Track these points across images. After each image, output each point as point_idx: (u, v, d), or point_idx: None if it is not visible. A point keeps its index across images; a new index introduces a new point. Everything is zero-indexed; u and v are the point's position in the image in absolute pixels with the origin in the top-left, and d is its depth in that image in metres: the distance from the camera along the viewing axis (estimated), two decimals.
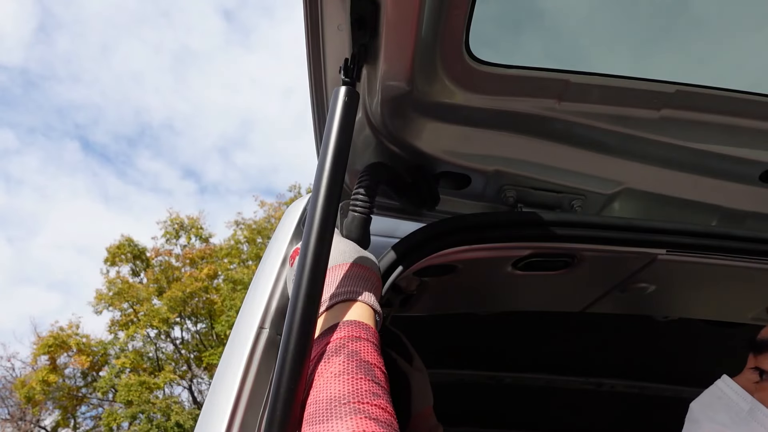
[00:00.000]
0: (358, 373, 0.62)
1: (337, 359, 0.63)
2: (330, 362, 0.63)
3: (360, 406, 0.57)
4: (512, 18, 0.89)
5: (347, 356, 0.63)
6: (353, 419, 0.55)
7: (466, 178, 1.08)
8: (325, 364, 0.63)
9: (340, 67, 0.80)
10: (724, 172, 1.07)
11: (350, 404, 0.57)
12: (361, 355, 0.64)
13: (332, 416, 0.56)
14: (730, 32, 0.93)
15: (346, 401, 0.58)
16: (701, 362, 1.93)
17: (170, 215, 19.03)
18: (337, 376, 0.61)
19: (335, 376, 0.61)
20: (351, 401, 0.58)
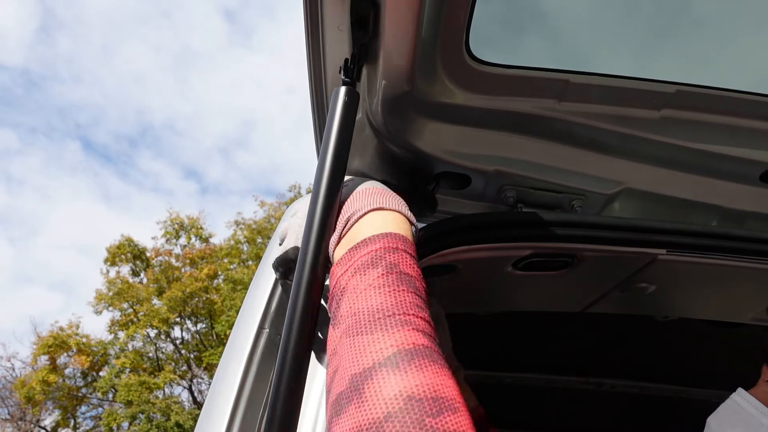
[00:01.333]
0: (400, 285, 0.58)
1: (375, 271, 0.59)
2: (367, 274, 0.59)
3: (406, 317, 0.54)
4: (512, 18, 0.89)
5: (386, 268, 0.60)
6: (401, 331, 0.53)
7: (466, 178, 1.08)
8: (361, 276, 0.60)
9: (340, 67, 0.80)
10: (724, 172, 1.07)
11: (395, 316, 0.54)
12: (400, 267, 0.61)
13: (377, 328, 0.53)
14: (731, 32, 0.93)
15: (390, 313, 0.55)
16: (701, 362, 1.93)
17: (170, 215, 19.04)
18: (378, 288, 0.57)
19: (375, 288, 0.57)
20: (396, 313, 0.55)
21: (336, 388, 0.52)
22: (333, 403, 0.51)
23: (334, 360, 0.55)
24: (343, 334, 0.56)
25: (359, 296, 0.58)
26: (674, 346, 1.88)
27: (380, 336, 0.53)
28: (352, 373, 0.51)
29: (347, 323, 0.56)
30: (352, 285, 0.60)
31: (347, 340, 0.54)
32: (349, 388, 0.50)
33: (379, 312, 0.55)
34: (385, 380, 0.48)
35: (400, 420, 0.45)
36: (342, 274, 0.63)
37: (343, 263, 0.63)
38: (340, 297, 0.60)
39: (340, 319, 0.58)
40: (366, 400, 0.47)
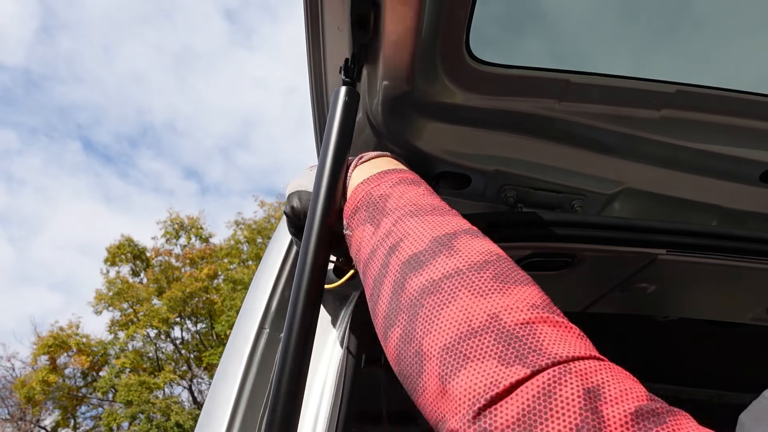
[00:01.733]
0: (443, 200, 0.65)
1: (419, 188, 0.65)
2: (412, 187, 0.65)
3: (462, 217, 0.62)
4: (513, 18, 0.89)
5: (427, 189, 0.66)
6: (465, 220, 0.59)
7: (466, 178, 1.08)
8: (405, 186, 0.65)
9: (340, 67, 0.80)
10: (724, 172, 1.07)
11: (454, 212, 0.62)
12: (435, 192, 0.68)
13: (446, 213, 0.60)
14: (731, 32, 0.93)
15: (450, 209, 0.62)
16: (701, 362, 1.93)
17: (170, 215, 19.04)
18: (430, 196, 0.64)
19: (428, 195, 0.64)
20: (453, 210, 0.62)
21: (405, 251, 0.54)
22: (405, 264, 0.53)
23: (389, 238, 0.57)
24: (403, 216, 0.59)
25: (412, 197, 0.62)
26: (674, 346, 1.87)
27: (451, 217, 0.58)
28: (434, 235, 0.54)
29: (406, 210, 0.60)
30: (398, 191, 0.64)
31: (413, 219, 0.58)
32: (432, 246, 0.53)
33: (440, 207, 0.61)
34: (473, 240, 0.53)
35: (499, 265, 0.49)
36: (374, 186, 0.66)
37: (374, 180, 0.67)
38: (381, 200, 0.63)
39: (390, 211, 0.61)
40: (459, 251, 0.51)
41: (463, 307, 0.45)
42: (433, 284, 0.48)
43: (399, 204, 0.61)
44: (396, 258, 0.54)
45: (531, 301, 0.46)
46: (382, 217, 0.61)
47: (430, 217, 0.57)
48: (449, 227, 0.55)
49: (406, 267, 0.52)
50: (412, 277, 0.51)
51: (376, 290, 0.55)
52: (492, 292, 0.46)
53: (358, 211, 0.64)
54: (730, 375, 1.95)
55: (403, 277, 0.51)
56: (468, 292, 0.46)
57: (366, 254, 0.60)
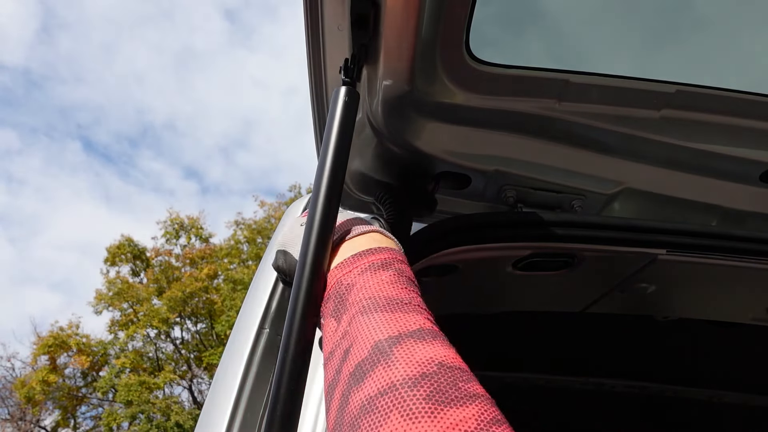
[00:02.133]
0: (411, 286, 0.62)
1: (386, 273, 0.63)
2: (378, 274, 0.63)
3: (421, 308, 0.58)
4: (512, 18, 0.89)
5: (396, 272, 0.64)
6: (421, 316, 0.56)
7: (466, 178, 1.08)
8: (372, 274, 0.63)
9: (340, 67, 0.80)
10: (724, 172, 1.07)
11: (412, 305, 0.58)
12: (407, 274, 0.65)
13: (397, 309, 0.56)
14: (731, 32, 0.93)
15: (407, 302, 0.58)
16: (701, 362, 1.93)
17: (170, 215, 19.04)
18: (392, 284, 0.61)
19: (389, 284, 0.61)
20: (412, 303, 0.58)
21: (353, 359, 0.52)
22: (351, 375, 0.51)
23: (344, 340, 0.56)
24: (357, 313, 0.57)
25: (373, 287, 0.60)
26: (674, 346, 1.88)
27: (402, 315, 0.55)
28: (376, 340, 0.52)
29: (361, 305, 0.58)
30: (361, 280, 0.62)
31: (364, 318, 0.56)
32: (372, 354, 0.51)
33: (396, 300, 0.58)
34: (416, 347, 0.50)
35: (436, 380, 0.46)
36: (345, 273, 0.65)
37: (347, 265, 0.66)
38: (346, 291, 0.62)
39: (349, 306, 0.59)
40: (396, 361, 0.49)
41: None
42: (370, 402, 0.46)
43: (358, 297, 0.60)
44: (346, 366, 0.53)
45: (463, 428, 0.42)
46: (343, 312, 0.60)
47: (381, 315, 0.55)
48: (394, 328, 0.53)
49: (351, 379, 0.51)
50: (355, 391, 0.49)
51: (327, 399, 0.54)
52: (422, 416, 0.43)
53: (329, 301, 0.64)
54: (730, 375, 1.95)
55: (348, 390, 0.50)
56: (398, 413, 0.44)
57: (326, 353, 0.59)
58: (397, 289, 0.60)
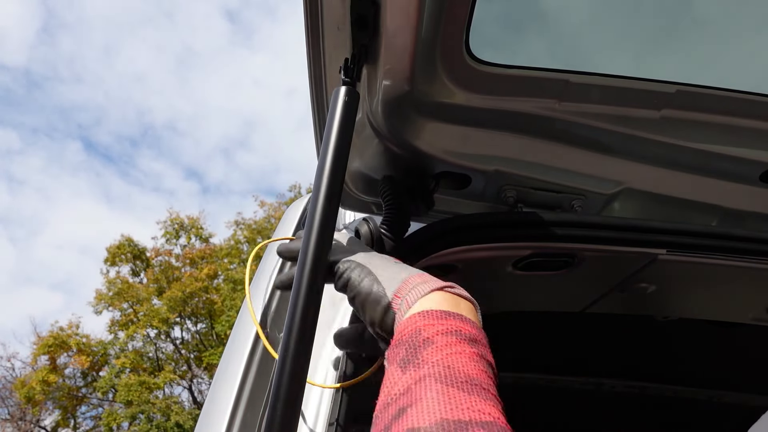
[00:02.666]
0: (490, 371, 0.60)
1: (471, 348, 0.60)
2: (462, 344, 0.60)
3: (497, 399, 0.55)
4: (512, 18, 0.89)
5: (480, 353, 0.61)
6: (497, 407, 0.53)
7: (466, 178, 1.08)
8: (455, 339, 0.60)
9: (340, 67, 0.80)
10: (724, 172, 1.07)
11: (490, 392, 0.55)
12: (488, 358, 0.63)
13: (475, 391, 0.53)
14: (731, 32, 0.93)
15: (487, 387, 0.55)
16: (701, 362, 1.93)
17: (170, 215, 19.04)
18: (475, 362, 0.58)
19: (472, 361, 0.58)
20: (491, 390, 0.56)
21: (407, 422, 0.50)
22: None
23: (404, 397, 0.53)
24: (428, 376, 0.54)
25: (454, 356, 0.57)
26: (674, 346, 1.87)
27: (478, 400, 0.52)
28: (443, 417, 0.49)
29: (437, 370, 0.55)
30: (442, 341, 0.59)
31: (437, 386, 0.53)
32: (434, 428, 0.48)
33: (476, 380, 0.55)
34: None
35: None
36: (426, 325, 0.61)
37: (430, 318, 0.62)
38: (422, 345, 0.59)
39: (422, 363, 0.56)
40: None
41: None
42: None
43: (435, 358, 0.56)
44: (398, 426, 0.50)
45: None
46: (411, 366, 0.57)
47: (455, 391, 0.52)
48: (467, 413, 0.49)
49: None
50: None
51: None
52: None
53: (399, 346, 0.61)
54: (730, 375, 1.95)
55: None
56: None
57: (381, 404, 0.56)
58: (478, 370, 0.57)
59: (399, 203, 1.01)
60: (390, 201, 1.01)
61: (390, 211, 1.00)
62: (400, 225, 0.99)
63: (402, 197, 1.02)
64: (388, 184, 1.03)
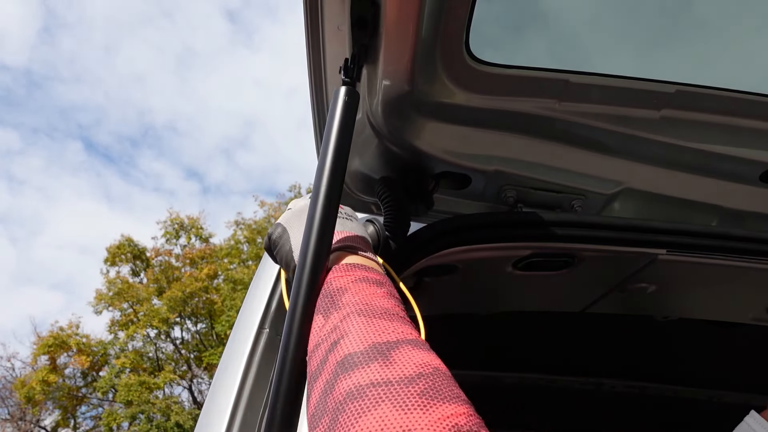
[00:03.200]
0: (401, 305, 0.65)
1: (381, 289, 0.66)
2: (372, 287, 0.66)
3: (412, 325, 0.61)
4: (512, 18, 0.89)
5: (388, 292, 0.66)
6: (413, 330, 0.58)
7: (466, 178, 1.08)
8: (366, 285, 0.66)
9: (340, 67, 0.80)
10: (724, 172, 1.07)
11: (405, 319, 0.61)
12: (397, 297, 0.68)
13: (394, 319, 0.59)
14: (731, 32, 0.93)
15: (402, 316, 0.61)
16: (701, 362, 1.93)
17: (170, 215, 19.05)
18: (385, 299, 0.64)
19: (383, 298, 0.64)
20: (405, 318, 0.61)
21: (342, 350, 0.54)
22: (339, 364, 0.53)
23: (333, 334, 0.58)
24: (351, 314, 0.60)
25: (368, 296, 0.63)
26: (674, 346, 1.88)
27: (399, 325, 0.58)
28: (374, 341, 0.54)
29: (357, 308, 0.60)
30: (355, 287, 0.65)
31: (360, 318, 0.58)
32: (368, 351, 0.53)
33: (392, 312, 0.61)
34: (414, 351, 0.52)
35: (432, 380, 0.48)
36: (337, 277, 0.67)
37: (340, 271, 0.69)
38: (338, 293, 0.64)
39: (342, 306, 0.62)
40: (394, 362, 0.51)
41: (380, 419, 0.44)
42: (359, 390, 0.48)
43: (352, 300, 0.62)
44: (333, 356, 0.55)
45: (454, 421, 0.44)
46: (333, 311, 0.62)
47: (377, 321, 0.58)
48: (393, 335, 0.55)
49: (339, 367, 0.53)
50: (342, 378, 0.51)
51: (310, 386, 0.56)
52: (414, 408, 0.45)
53: (324, 295, 0.66)
54: (730, 375, 1.95)
55: (335, 378, 0.52)
56: (390, 404, 0.45)
57: (312, 346, 0.62)
58: (392, 304, 0.63)
59: (398, 203, 1.01)
60: (389, 202, 1.01)
61: (390, 212, 1.00)
62: (402, 225, 0.99)
63: (400, 197, 1.02)
64: (386, 185, 1.03)
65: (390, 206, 1.01)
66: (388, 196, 1.02)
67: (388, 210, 1.01)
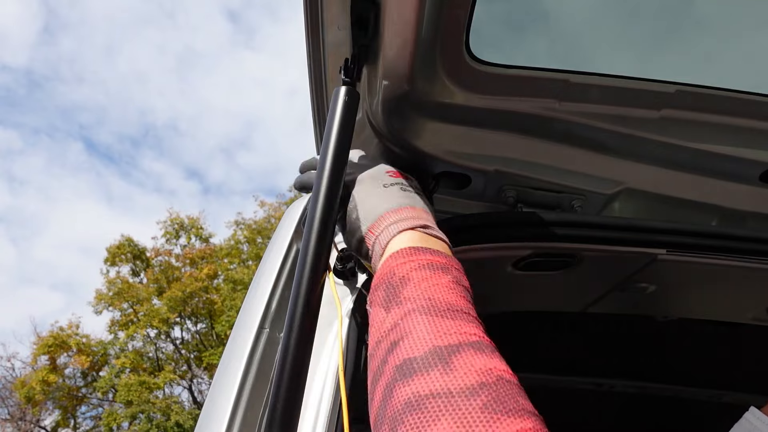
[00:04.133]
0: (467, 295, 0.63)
1: (446, 277, 0.62)
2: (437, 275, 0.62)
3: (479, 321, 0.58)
4: (512, 18, 0.89)
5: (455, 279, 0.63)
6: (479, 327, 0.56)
7: (466, 178, 1.08)
8: (431, 272, 0.62)
9: (340, 67, 0.80)
10: (724, 172, 1.07)
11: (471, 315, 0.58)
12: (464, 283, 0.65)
13: (458, 316, 0.56)
14: (731, 32, 0.93)
15: (467, 311, 0.58)
16: (701, 362, 1.93)
17: (170, 215, 19.05)
18: (451, 290, 0.61)
19: (449, 289, 0.61)
20: (471, 314, 0.59)
21: (401, 353, 0.52)
22: (397, 368, 0.51)
23: (393, 332, 0.55)
24: (413, 311, 0.56)
25: (432, 288, 0.60)
26: (674, 346, 1.88)
27: (462, 324, 0.55)
28: (435, 345, 0.51)
29: (419, 304, 0.57)
30: (418, 276, 0.61)
31: (422, 317, 0.55)
32: (428, 355, 0.50)
33: (456, 306, 0.58)
34: (476, 357, 0.50)
35: (495, 390, 0.46)
36: (400, 264, 0.63)
37: (402, 256, 0.65)
38: (400, 284, 0.61)
39: (404, 300, 0.59)
40: (455, 369, 0.48)
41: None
42: (419, 401, 0.46)
43: (414, 294, 0.59)
44: (393, 358, 0.52)
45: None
46: (394, 305, 0.59)
47: (440, 320, 0.55)
48: (455, 337, 0.52)
49: (398, 372, 0.50)
50: (400, 385, 0.49)
51: (372, 387, 0.54)
52: (477, 424, 0.42)
53: (378, 289, 0.63)
54: (730, 375, 1.95)
55: (393, 383, 0.50)
56: (451, 418, 0.43)
57: (373, 342, 0.59)
58: (456, 296, 0.59)
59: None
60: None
61: None
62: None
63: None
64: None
65: None
66: None
67: None
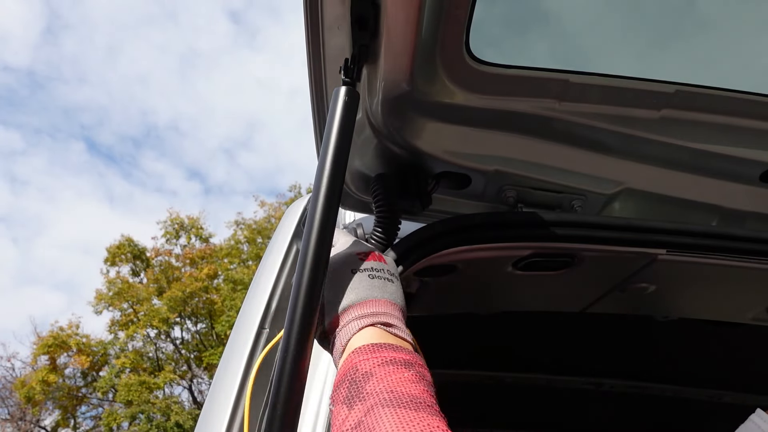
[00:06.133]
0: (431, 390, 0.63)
1: (408, 372, 0.63)
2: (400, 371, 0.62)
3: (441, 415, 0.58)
4: (512, 18, 0.89)
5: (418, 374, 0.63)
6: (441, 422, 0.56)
7: (466, 178, 1.08)
8: (394, 368, 0.62)
9: (340, 67, 0.80)
10: (724, 172, 1.07)
11: (434, 407, 0.58)
12: (428, 378, 0.65)
13: (421, 408, 0.56)
14: (731, 32, 0.93)
15: (430, 404, 0.58)
16: (701, 362, 1.93)
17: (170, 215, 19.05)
18: (414, 384, 0.61)
19: (412, 383, 0.61)
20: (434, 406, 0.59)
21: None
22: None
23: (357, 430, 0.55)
24: (377, 405, 0.57)
25: (395, 382, 0.60)
26: (674, 346, 1.88)
27: (425, 416, 0.55)
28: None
29: (382, 398, 0.57)
30: (382, 372, 0.61)
31: (386, 411, 0.55)
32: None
33: (420, 399, 0.58)
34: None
35: None
36: (362, 360, 0.64)
37: (365, 353, 0.65)
38: (363, 379, 0.61)
39: (367, 395, 0.59)
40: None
41: None
42: None
43: (378, 388, 0.59)
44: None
45: None
46: (357, 401, 0.59)
47: (404, 411, 0.55)
48: (418, 428, 0.53)
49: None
50: None
51: None
52: None
53: (341, 386, 0.63)
54: (730, 375, 1.95)
55: None
56: None
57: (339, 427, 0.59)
58: (420, 390, 0.60)
59: (389, 205, 1.00)
60: (380, 203, 1.00)
61: (380, 214, 0.99)
62: (392, 228, 0.99)
63: (392, 198, 1.01)
64: (380, 185, 1.02)
65: (381, 210, 1.00)
66: (380, 198, 1.01)
67: (379, 211, 1.00)
